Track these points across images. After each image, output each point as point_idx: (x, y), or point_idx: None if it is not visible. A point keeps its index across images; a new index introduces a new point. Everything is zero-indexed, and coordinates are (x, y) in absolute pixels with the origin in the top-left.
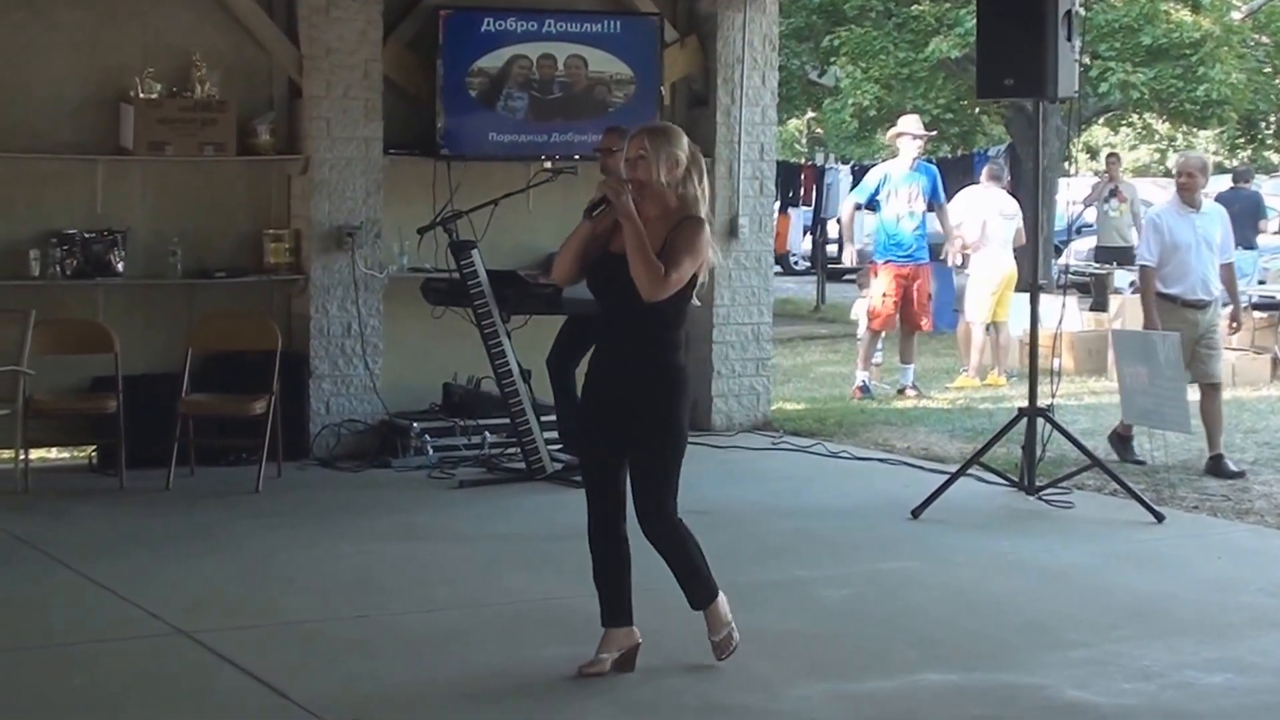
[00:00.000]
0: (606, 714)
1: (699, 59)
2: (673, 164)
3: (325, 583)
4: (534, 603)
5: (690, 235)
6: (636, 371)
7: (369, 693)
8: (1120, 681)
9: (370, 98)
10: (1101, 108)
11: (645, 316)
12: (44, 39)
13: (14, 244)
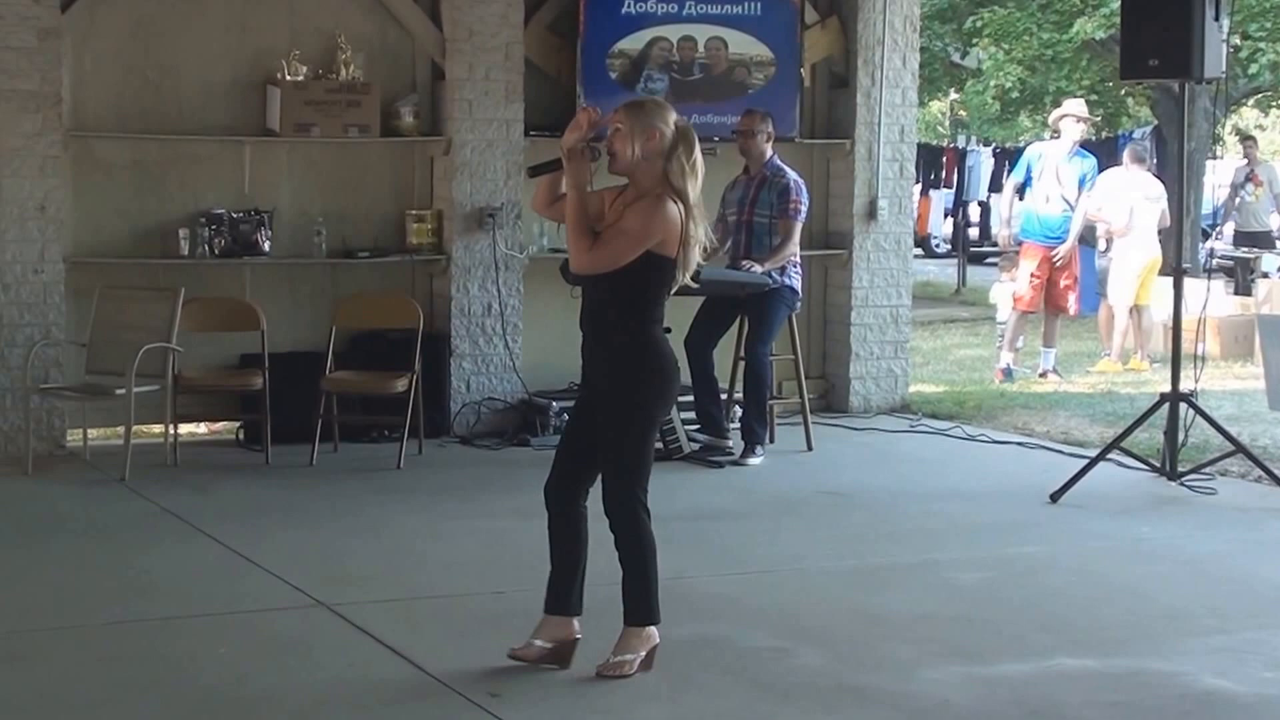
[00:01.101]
0: (738, 693)
1: (839, 40)
2: (649, 138)
3: (464, 559)
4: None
5: (640, 214)
6: (602, 349)
7: (503, 667)
8: (1260, 670)
9: (512, 80)
10: (1251, 89)
11: (610, 294)
12: (195, 22)
13: (164, 223)
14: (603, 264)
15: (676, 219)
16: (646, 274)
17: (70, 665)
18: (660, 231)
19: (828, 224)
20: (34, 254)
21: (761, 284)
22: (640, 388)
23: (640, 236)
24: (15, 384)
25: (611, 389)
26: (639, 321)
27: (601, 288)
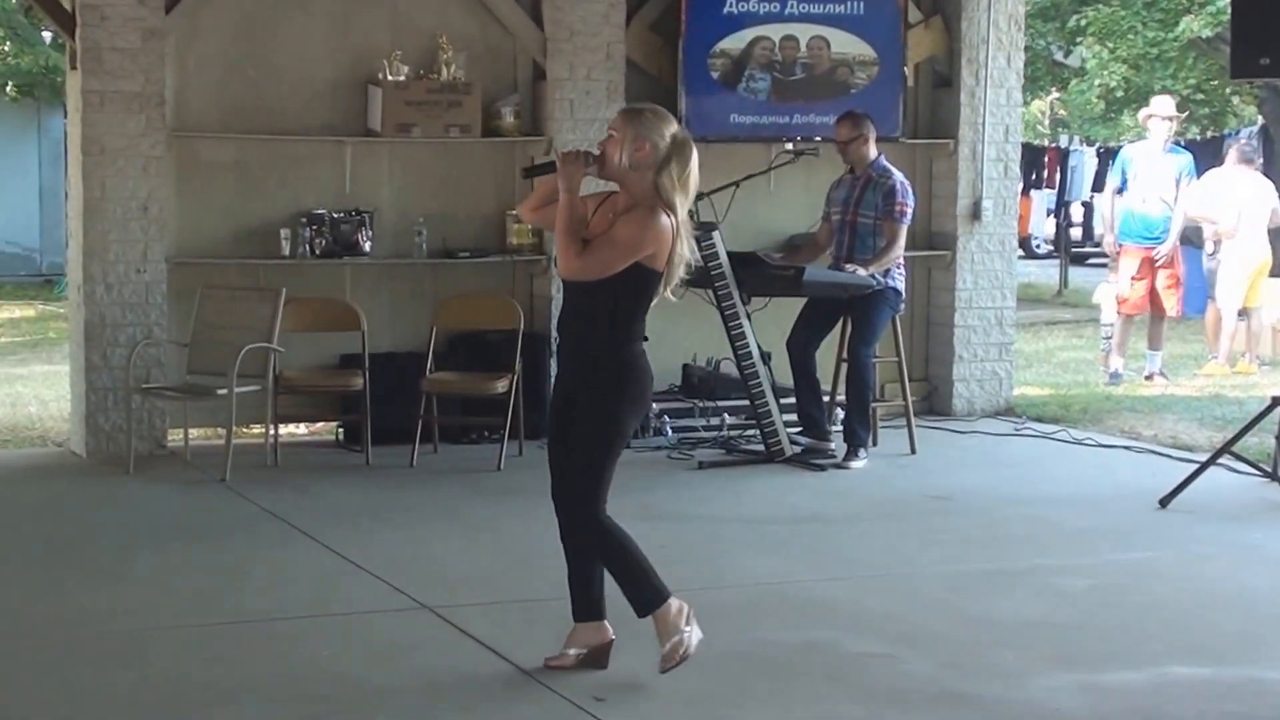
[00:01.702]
0: (845, 698)
1: (943, 40)
2: (638, 148)
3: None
4: (771, 586)
5: (633, 224)
6: (577, 358)
7: (607, 672)
8: None
9: (613, 79)
10: None
11: (594, 303)
12: (297, 23)
13: (266, 223)
14: (591, 271)
15: (668, 232)
16: (633, 286)
17: (177, 665)
18: (652, 243)
19: (931, 225)
20: (137, 254)
21: (865, 285)
22: (617, 401)
23: (632, 247)
24: (118, 384)
25: (587, 400)
26: (620, 334)
27: (586, 296)
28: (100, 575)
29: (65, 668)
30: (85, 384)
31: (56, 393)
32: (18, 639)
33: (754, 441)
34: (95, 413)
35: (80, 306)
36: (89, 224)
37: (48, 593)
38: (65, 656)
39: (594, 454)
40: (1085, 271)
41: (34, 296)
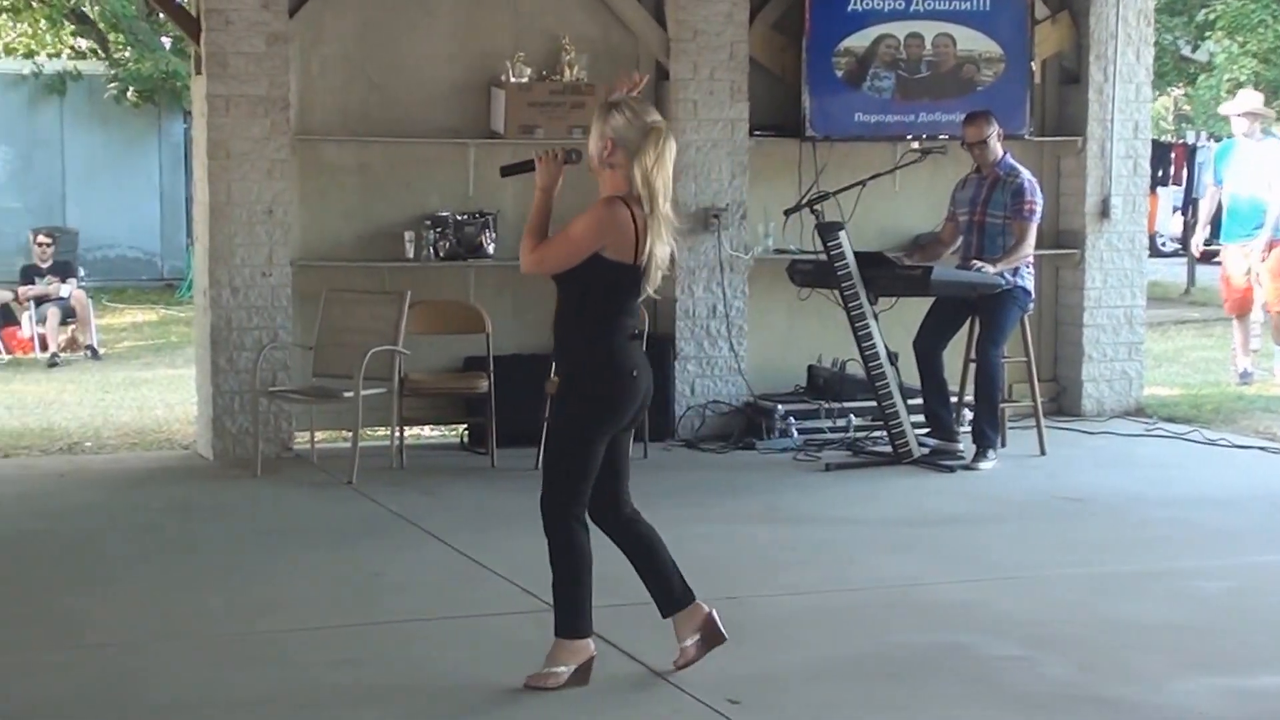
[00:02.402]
0: (981, 703)
1: (1070, 35)
2: (605, 144)
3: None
4: (903, 588)
5: (581, 218)
6: (560, 354)
7: (741, 674)
8: None
9: (736, 79)
10: None
11: (569, 299)
12: (420, 25)
13: (390, 226)
14: (540, 266)
15: (624, 224)
16: (597, 279)
17: (310, 666)
18: (605, 235)
19: (1058, 223)
20: (262, 257)
21: (994, 284)
22: (589, 396)
23: (578, 240)
24: (244, 387)
25: (563, 396)
26: (596, 328)
27: (564, 292)
28: (233, 577)
29: (202, 668)
30: (212, 387)
31: (181, 396)
32: (154, 640)
33: (881, 443)
34: (222, 416)
35: (206, 310)
36: (214, 228)
37: (181, 594)
38: (202, 657)
39: (567, 454)
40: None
41: (155, 301)
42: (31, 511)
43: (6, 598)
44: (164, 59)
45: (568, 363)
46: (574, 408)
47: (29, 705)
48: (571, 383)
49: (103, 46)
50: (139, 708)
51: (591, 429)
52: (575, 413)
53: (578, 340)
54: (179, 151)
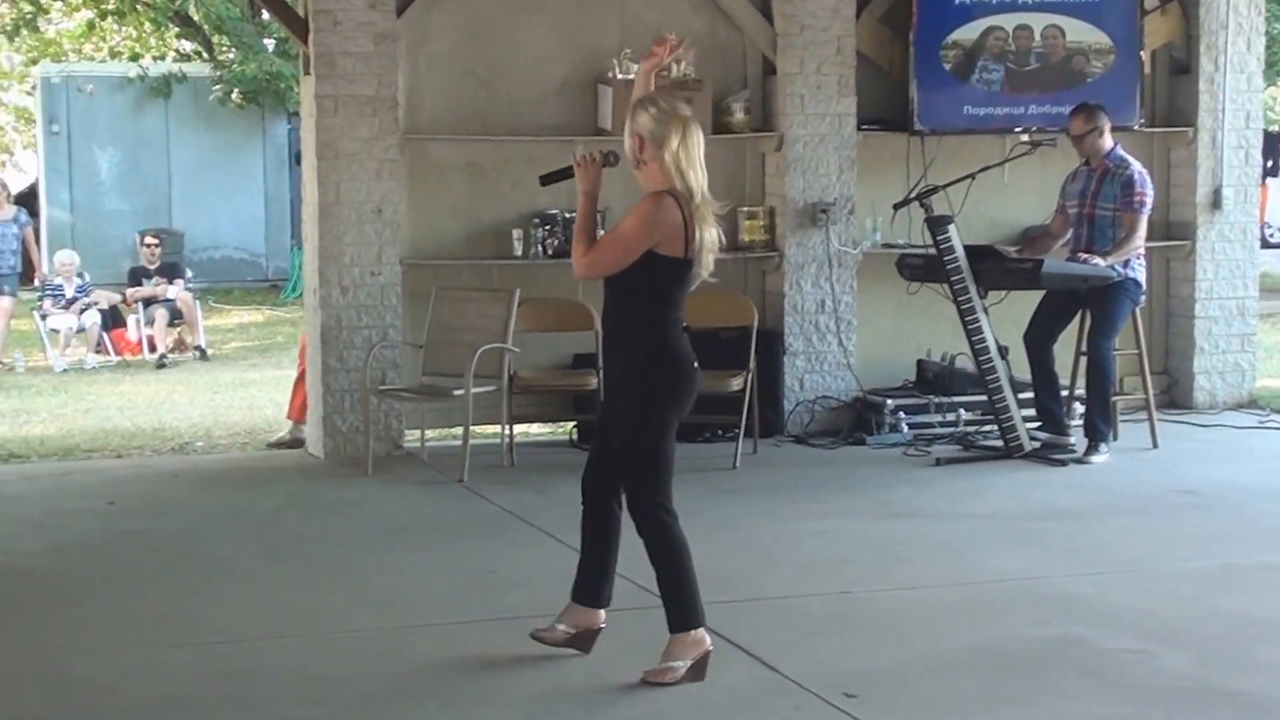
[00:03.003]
0: (1100, 696)
1: (1180, 25)
2: (636, 142)
3: (805, 558)
4: (1018, 582)
5: (630, 217)
6: (616, 351)
7: (857, 668)
8: None
9: (843, 73)
10: None
11: (621, 296)
12: (527, 23)
13: (499, 224)
14: (596, 269)
15: (673, 218)
16: (652, 275)
17: (429, 663)
18: (654, 232)
19: (1169, 214)
20: (371, 256)
21: (1105, 277)
22: (653, 391)
23: (631, 238)
24: (355, 386)
25: (625, 392)
26: (651, 324)
27: (615, 290)
28: (347, 575)
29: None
30: (322, 386)
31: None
32: (271, 638)
33: (991, 437)
34: (333, 415)
35: (316, 310)
36: (324, 228)
37: (297, 592)
38: (319, 654)
39: (642, 451)
40: None
41: (261, 301)
42: (146, 511)
43: (123, 596)
44: (268, 60)
45: (624, 361)
46: (641, 405)
47: (147, 702)
48: (633, 381)
49: (207, 49)
50: (258, 704)
51: (671, 421)
52: (643, 410)
53: (633, 338)
54: (283, 153)
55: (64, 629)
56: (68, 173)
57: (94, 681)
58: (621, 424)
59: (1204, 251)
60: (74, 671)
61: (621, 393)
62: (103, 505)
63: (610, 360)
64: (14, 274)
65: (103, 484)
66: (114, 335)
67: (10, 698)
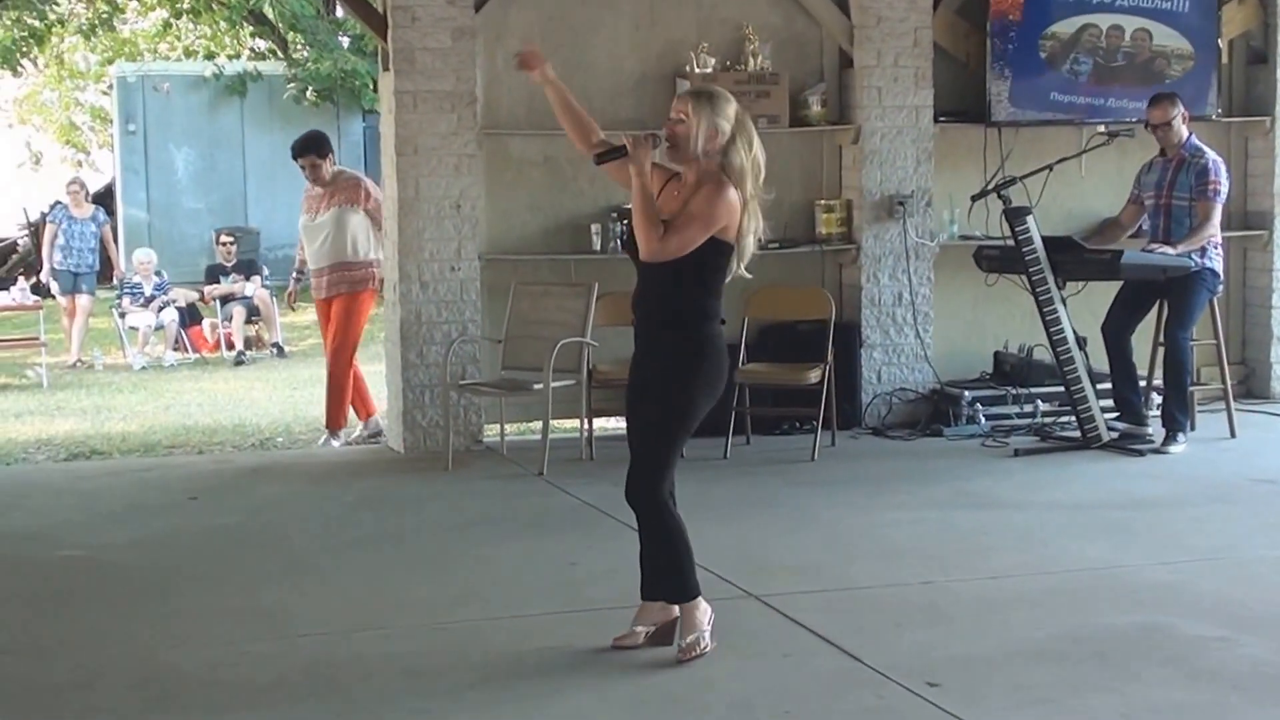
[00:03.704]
0: (1184, 683)
1: (1258, 15)
2: (712, 133)
3: (886, 549)
4: (1101, 571)
5: (705, 200)
6: (657, 338)
7: (940, 657)
8: None
9: (920, 65)
10: None
11: (671, 282)
12: (604, 18)
13: (577, 219)
14: (674, 251)
15: (736, 205)
16: (708, 261)
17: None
18: (724, 217)
19: (1246, 204)
20: (450, 251)
21: (1183, 267)
22: (692, 381)
23: (709, 222)
24: (435, 380)
25: (663, 380)
26: (697, 313)
27: (662, 275)
28: (430, 568)
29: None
30: (402, 381)
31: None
32: (357, 630)
33: (1069, 428)
34: (412, 409)
35: (396, 305)
36: (404, 223)
37: (381, 585)
38: (406, 646)
39: (664, 437)
40: None
41: None
42: (229, 506)
43: (210, 590)
44: (342, 58)
45: (664, 346)
46: (680, 391)
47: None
48: (674, 366)
49: (281, 47)
50: (345, 695)
51: (697, 410)
52: (688, 399)
53: (689, 326)
54: (358, 150)
55: (151, 622)
56: (144, 172)
57: (183, 673)
58: (654, 410)
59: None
60: (163, 664)
61: (662, 382)
62: (185, 500)
63: (645, 348)
64: (92, 273)
65: (184, 479)
66: (192, 333)
67: (101, 691)
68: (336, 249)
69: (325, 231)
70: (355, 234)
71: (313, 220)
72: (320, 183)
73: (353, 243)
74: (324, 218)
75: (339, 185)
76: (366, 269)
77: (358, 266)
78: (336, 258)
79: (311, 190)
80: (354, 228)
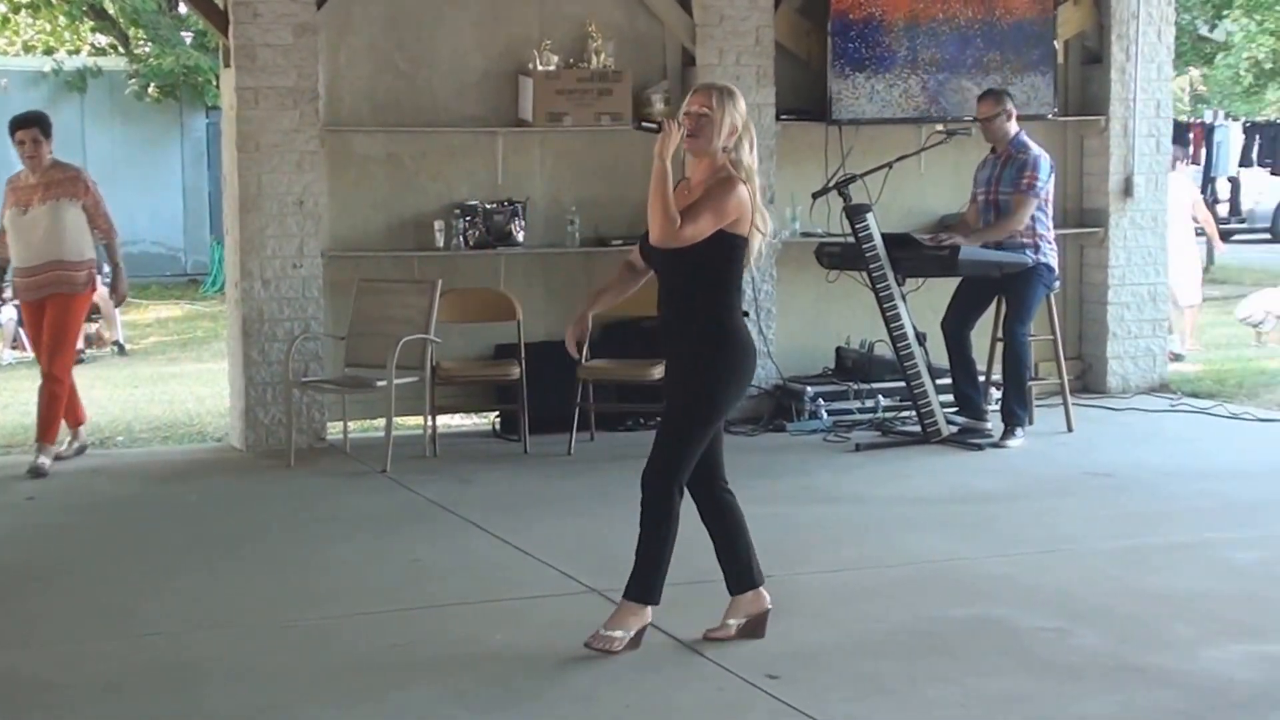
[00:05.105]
0: (1020, 673)
1: (1092, 15)
2: (732, 130)
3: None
4: (939, 564)
5: (718, 192)
6: (684, 334)
7: (781, 650)
8: None
9: (762, 64)
10: None
11: (690, 277)
12: (447, 15)
13: (421, 215)
14: (688, 237)
15: (747, 201)
16: (722, 253)
17: (359, 650)
18: (735, 210)
19: (1083, 202)
20: (293, 249)
21: (1019, 263)
22: (715, 374)
23: (719, 213)
24: (277, 378)
25: (689, 372)
26: (720, 306)
27: (681, 271)
28: (275, 567)
29: (252, 655)
30: (244, 379)
31: (211, 390)
32: (201, 629)
33: (910, 423)
34: (254, 407)
35: (238, 303)
36: (245, 220)
37: (226, 585)
38: (250, 644)
39: (687, 428)
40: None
41: (180, 296)
42: (68, 506)
43: (49, 590)
44: (185, 54)
45: (692, 340)
46: (709, 383)
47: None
48: (702, 359)
49: (123, 43)
50: (188, 695)
51: (723, 404)
52: (711, 387)
53: (713, 320)
54: (201, 146)
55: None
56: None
57: (21, 675)
58: (680, 400)
59: (1116, 238)
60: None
61: (682, 376)
62: (23, 500)
63: (677, 344)
64: None
65: (23, 478)
66: None
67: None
68: (52, 246)
69: (40, 226)
70: (73, 230)
71: (23, 214)
72: (37, 168)
73: (72, 240)
74: (38, 211)
75: (55, 176)
76: (87, 269)
77: (76, 266)
78: (52, 255)
79: (21, 181)
80: (72, 223)
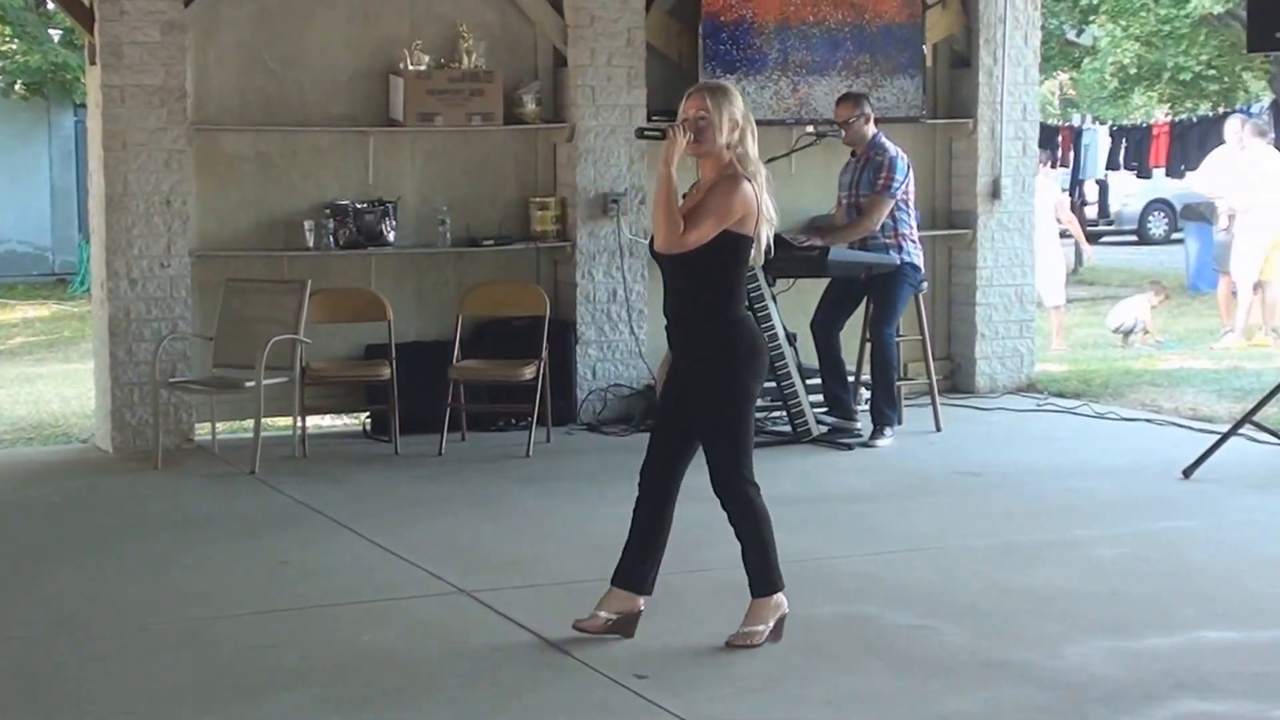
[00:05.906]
0: (885, 671)
1: (961, 20)
2: (733, 126)
3: (598, 543)
4: (804, 563)
5: (721, 194)
6: (692, 334)
7: (649, 649)
8: None
9: (633, 65)
10: None
11: (695, 278)
12: (317, 14)
13: (290, 215)
14: (691, 243)
15: (752, 198)
16: (727, 253)
17: (228, 652)
18: (740, 210)
19: (951, 204)
20: (160, 248)
21: (886, 264)
22: (734, 368)
23: (723, 215)
24: (144, 378)
25: (705, 372)
26: (725, 303)
27: (685, 273)
28: (141, 569)
29: (119, 658)
30: (110, 379)
31: (77, 390)
32: (65, 633)
33: (781, 423)
34: (121, 408)
35: (104, 302)
36: (111, 219)
37: (91, 587)
38: (117, 647)
39: (727, 428)
40: (1100, 250)
41: (47, 296)
42: None
43: None
44: (53, 51)
45: (703, 339)
46: (726, 386)
47: None
48: (715, 363)
49: None
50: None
51: (753, 395)
52: (735, 384)
53: (719, 316)
54: (69, 144)
55: None
56: None
57: None
58: (706, 405)
59: (984, 240)
60: None
61: (702, 376)
62: None
63: (686, 344)
64: None
65: None
66: None
67: None
68: None
69: None
70: None
71: None
72: None
73: None
74: None
75: None
76: None
77: None
78: None
79: None
80: None
